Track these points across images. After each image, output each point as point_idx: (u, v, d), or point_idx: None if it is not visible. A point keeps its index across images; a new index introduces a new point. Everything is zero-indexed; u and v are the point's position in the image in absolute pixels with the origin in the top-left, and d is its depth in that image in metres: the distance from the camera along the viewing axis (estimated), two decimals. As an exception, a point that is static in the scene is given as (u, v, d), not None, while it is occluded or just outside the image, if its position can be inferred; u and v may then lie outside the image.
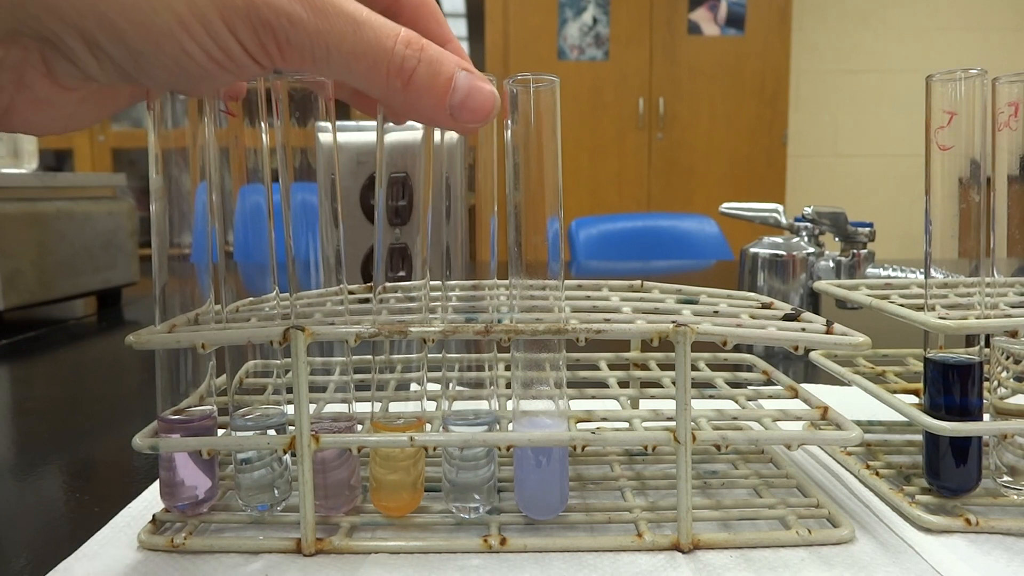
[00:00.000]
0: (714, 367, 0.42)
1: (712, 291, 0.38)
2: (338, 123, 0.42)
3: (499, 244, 0.31)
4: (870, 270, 0.64)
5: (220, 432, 0.32)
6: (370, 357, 0.32)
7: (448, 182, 0.30)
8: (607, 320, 0.31)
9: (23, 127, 0.24)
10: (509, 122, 0.29)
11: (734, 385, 0.39)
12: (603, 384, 0.39)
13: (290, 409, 0.30)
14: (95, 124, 0.27)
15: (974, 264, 0.31)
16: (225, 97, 0.30)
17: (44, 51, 0.23)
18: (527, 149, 0.29)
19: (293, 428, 0.30)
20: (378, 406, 0.31)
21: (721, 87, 2.82)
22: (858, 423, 0.38)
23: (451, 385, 0.32)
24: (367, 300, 0.38)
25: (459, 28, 3.35)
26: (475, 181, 0.30)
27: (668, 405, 0.31)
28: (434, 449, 0.31)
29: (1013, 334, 0.31)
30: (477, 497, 0.31)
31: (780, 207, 0.71)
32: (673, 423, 0.30)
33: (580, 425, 0.32)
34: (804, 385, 0.38)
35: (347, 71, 0.24)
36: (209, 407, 0.32)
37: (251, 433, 0.31)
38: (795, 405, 0.36)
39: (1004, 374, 0.33)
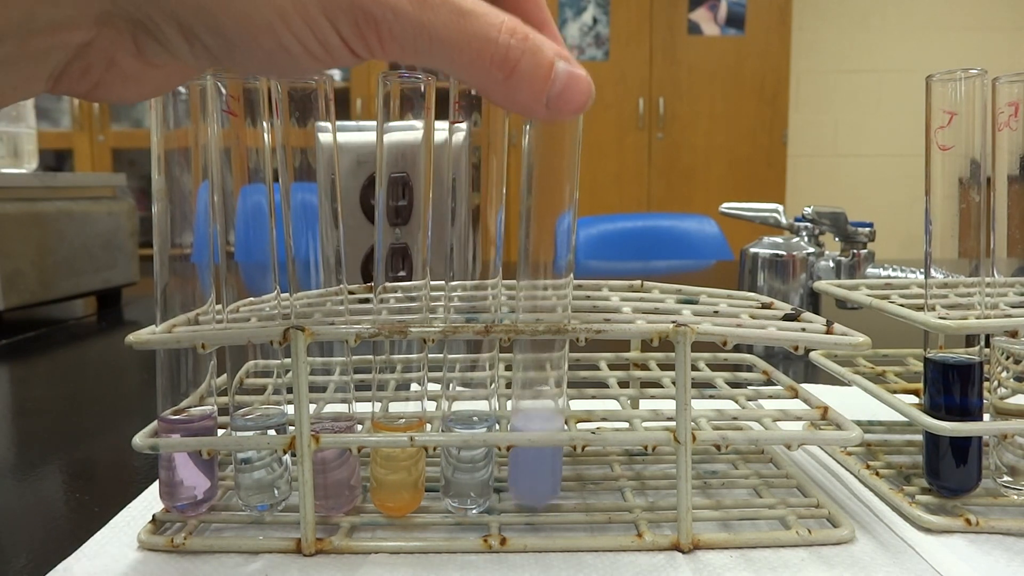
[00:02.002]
0: (714, 367, 0.42)
1: (712, 291, 0.38)
2: (338, 123, 0.42)
3: (504, 242, 0.31)
4: (870, 270, 0.64)
5: (220, 432, 0.32)
6: (370, 357, 0.32)
7: (454, 183, 0.30)
8: (607, 320, 0.31)
9: (112, 98, 0.25)
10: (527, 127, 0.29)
11: (734, 385, 0.39)
12: (603, 384, 0.39)
13: (290, 409, 0.30)
14: (173, 88, 0.27)
15: (974, 264, 0.31)
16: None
17: (136, 34, 0.23)
18: (546, 148, 0.29)
19: (293, 428, 0.30)
20: (378, 406, 0.31)
21: (721, 87, 2.83)
22: (858, 423, 0.38)
23: (451, 385, 0.32)
24: (367, 300, 0.38)
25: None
26: (480, 181, 0.30)
27: (668, 405, 0.31)
28: (434, 449, 0.31)
29: (1013, 334, 0.31)
30: (473, 496, 0.31)
31: (780, 207, 0.71)
32: (673, 423, 0.30)
33: (580, 425, 0.32)
34: (804, 385, 0.38)
35: (448, 62, 0.24)
36: (209, 407, 0.32)
37: (251, 433, 0.31)
38: (795, 405, 0.36)
39: (1004, 374, 0.33)
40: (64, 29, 0.22)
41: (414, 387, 0.34)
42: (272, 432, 0.31)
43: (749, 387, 0.40)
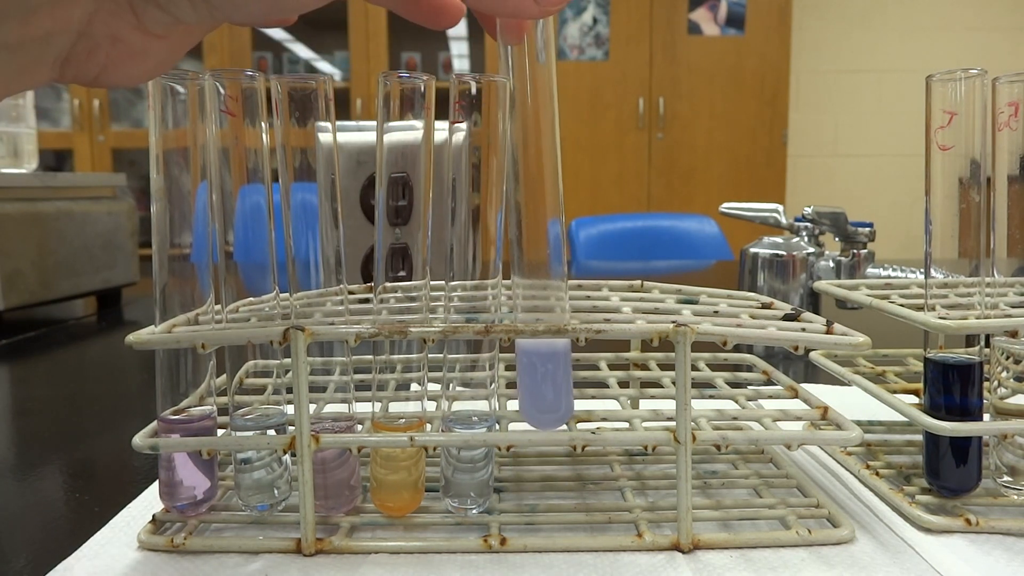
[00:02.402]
0: (714, 367, 0.42)
1: (712, 291, 0.38)
2: (338, 123, 0.42)
3: (504, 242, 0.31)
4: (870, 270, 0.64)
5: (220, 432, 0.32)
6: (370, 357, 0.32)
7: (454, 183, 0.30)
8: (607, 320, 0.31)
9: (120, 81, 0.25)
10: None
11: (734, 385, 0.39)
12: (603, 384, 0.39)
13: (290, 409, 0.30)
14: (175, 64, 0.27)
15: (974, 264, 0.31)
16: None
17: (135, 2, 0.23)
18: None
19: (293, 428, 0.30)
20: (378, 406, 0.31)
21: (721, 87, 2.82)
22: (858, 423, 0.38)
23: (451, 385, 0.32)
24: (367, 300, 0.38)
25: (459, 28, 3.35)
26: (480, 181, 0.30)
27: (668, 405, 0.31)
28: (434, 449, 0.31)
29: (1013, 334, 0.31)
30: (473, 496, 0.31)
31: (780, 207, 0.71)
32: (673, 423, 0.30)
33: (580, 425, 0.32)
34: (804, 385, 0.38)
35: None
36: (209, 407, 0.32)
37: (251, 433, 0.31)
38: (795, 405, 0.36)
39: (1004, 374, 0.33)
40: (63, 4, 0.22)
41: (414, 387, 0.34)
42: (272, 432, 0.31)
43: (749, 387, 0.40)
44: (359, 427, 0.32)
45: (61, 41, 0.22)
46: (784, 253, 0.64)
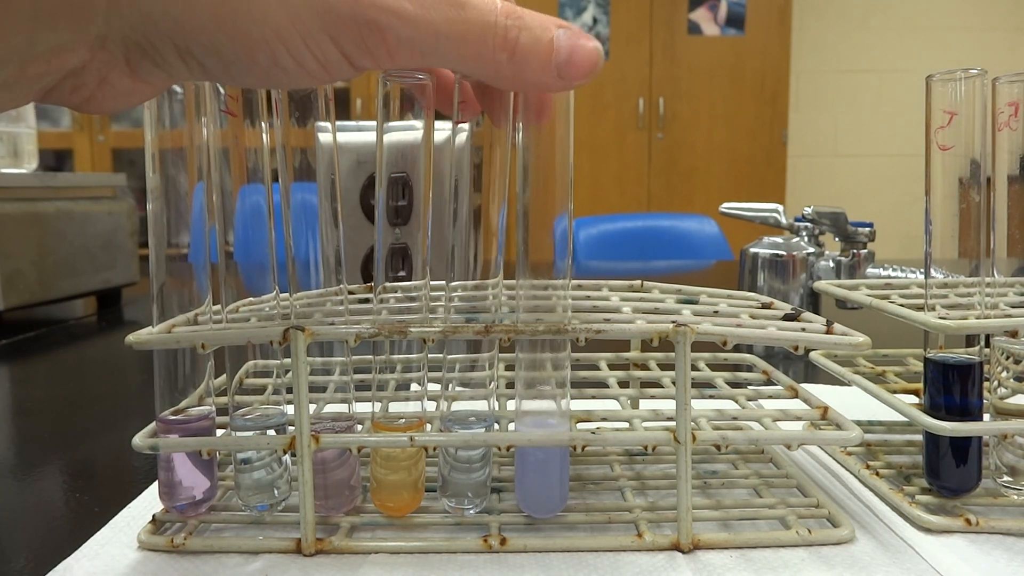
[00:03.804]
0: (714, 367, 0.42)
1: (712, 291, 0.38)
2: (338, 123, 0.42)
3: (505, 242, 0.31)
4: (870, 270, 0.64)
5: (219, 432, 0.32)
6: (370, 357, 0.32)
7: (456, 184, 0.30)
8: (607, 320, 0.31)
9: (100, 111, 0.25)
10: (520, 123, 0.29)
11: (734, 385, 0.39)
12: (603, 384, 0.39)
13: (290, 409, 0.30)
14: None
15: (974, 264, 0.31)
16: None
17: (131, 56, 0.22)
18: (539, 147, 0.29)
19: (293, 428, 0.30)
20: (378, 406, 0.31)
21: (721, 87, 2.83)
22: (858, 423, 0.38)
23: (451, 385, 0.32)
24: (367, 300, 0.38)
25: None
26: (482, 180, 0.30)
27: (668, 405, 0.31)
28: (434, 449, 0.31)
29: (1013, 334, 0.31)
30: (470, 496, 0.31)
31: (780, 207, 0.71)
32: (673, 423, 0.30)
33: (580, 425, 0.32)
34: (804, 385, 0.38)
35: (454, 56, 0.24)
36: (208, 407, 0.32)
37: (251, 433, 0.31)
38: (795, 405, 0.36)
39: (1004, 374, 0.33)
40: (62, 53, 0.22)
41: (414, 387, 0.34)
42: (272, 432, 0.31)
43: (749, 387, 0.40)
44: (359, 427, 0.32)
45: (51, 79, 0.22)
46: (784, 253, 0.64)
